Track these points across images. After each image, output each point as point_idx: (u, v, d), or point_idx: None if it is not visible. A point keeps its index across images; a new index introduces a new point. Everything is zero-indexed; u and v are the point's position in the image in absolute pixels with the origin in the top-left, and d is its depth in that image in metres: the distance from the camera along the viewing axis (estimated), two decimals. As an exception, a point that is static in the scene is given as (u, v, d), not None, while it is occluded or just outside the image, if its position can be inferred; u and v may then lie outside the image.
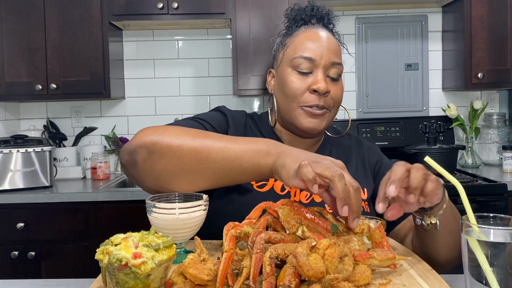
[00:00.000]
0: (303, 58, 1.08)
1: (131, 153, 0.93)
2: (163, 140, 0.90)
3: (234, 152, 0.87)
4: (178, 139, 0.90)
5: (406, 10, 2.88)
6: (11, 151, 2.30)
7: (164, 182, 0.92)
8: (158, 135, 0.91)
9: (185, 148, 0.89)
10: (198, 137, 0.90)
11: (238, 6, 2.53)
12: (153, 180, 0.92)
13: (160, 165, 0.90)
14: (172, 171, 0.90)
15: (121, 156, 0.96)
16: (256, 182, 1.07)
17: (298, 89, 1.08)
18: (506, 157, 2.51)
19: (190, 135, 0.91)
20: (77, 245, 2.26)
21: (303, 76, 1.09)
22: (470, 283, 0.65)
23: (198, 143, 0.89)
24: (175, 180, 0.91)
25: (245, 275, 0.67)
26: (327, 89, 1.06)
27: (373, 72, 2.88)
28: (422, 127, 2.75)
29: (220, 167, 0.88)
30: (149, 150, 0.90)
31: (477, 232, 0.64)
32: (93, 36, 2.54)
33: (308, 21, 1.15)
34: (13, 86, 2.53)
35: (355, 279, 0.68)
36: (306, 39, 1.10)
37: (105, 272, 0.67)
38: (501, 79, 2.53)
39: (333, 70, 1.09)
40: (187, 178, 0.90)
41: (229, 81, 2.85)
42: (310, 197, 1.08)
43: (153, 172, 0.91)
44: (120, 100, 2.90)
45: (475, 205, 2.13)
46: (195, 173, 0.89)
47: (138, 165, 0.92)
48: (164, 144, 0.89)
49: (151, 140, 0.90)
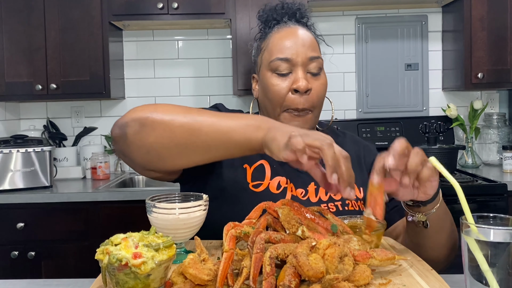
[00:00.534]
0: (280, 59, 1.08)
1: (122, 127, 0.92)
2: (155, 113, 0.90)
3: (225, 126, 0.87)
4: (170, 113, 0.90)
5: (406, 10, 2.88)
6: (11, 151, 2.30)
7: (154, 156, 0.91)
8: (150, 110, 0.91)
9: (177, 121, 0.89)
10: (190, 112, 0.90)
11: (238, 6, 2.53)
12: (143, 154, 0.92)
13: (151, 138, 0.89)
14: (163, 143, 0.89)
15: (112, 130, 0.95)
16: (252, 181, 1.07)
17: (280, 92, 1.08)
18: (506, 157, 2.51)
19: (182, 110, 0.91)
20: (77, 245, 2.26)
21: (283, 78, 1.08)
22: (470, 283, 0.65)
23: (190, 117, 0.89)
24: (166, 153, 0.90)
25: (245, 275, 0.67)
26: (308, 87, 1.06)
27: (373, 72, 2.88)
28: (422, 127, 2.75)
29: (211, 140, 0.88)
30: (141, 123, 0.90)
31: (475, 233, 0.64)
32: (93, 36, 2.54)
33: (280, 20, 1.16)
34: (13, 86, 2.53)
35: (355, 279, 0.68)
36: (280, 39, 1.10)
37: (105, 272, 0.67)
38: (501, 79, 2.53)
39: (312, 65, 1.08)
40: (178, 151, 0.89)
41: (229, 81, 2.85)
42: (306, 195, 1.08)
43: (144, 145, 0.90)
44: (120, 100, 2.90)
45: (475, 205, 2.13)
46: (186, 146, 0.89)
47: (129, 138, 0.91)
48: (156, 118, 0.89)
49: (143, 113, 0.91)
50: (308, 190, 1.10)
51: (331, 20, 2.84)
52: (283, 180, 1.09)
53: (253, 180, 1.08)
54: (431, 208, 0.93)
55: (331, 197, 1.09)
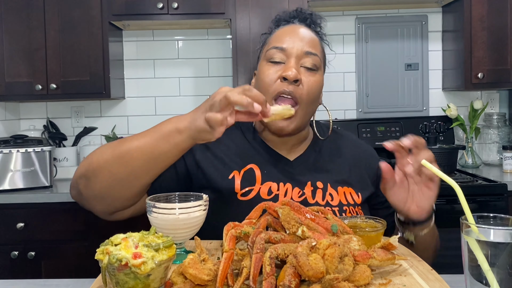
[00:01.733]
0: (275, 48, 1.09)
1: (74, 187, 1.02)
2: (91, 163, 0.97)
3: (150, 145, 0.93)
4: (102, 156, 0.96)
5: (406, 10, 2.88)
6: (11, 151, 2.30)
7: (109, 199, 0.98)
8: (87, 161, 0.98)
9: (109, 160, 0.95)
10: (116, 146, 0.96)
11: (238, 6, 2.53)
12: (100, 201, 0.99)
13: (98, 184, 0.96)
14: (109, 185, 0.96)
15: (70, 193, 1.05)
16: (241, 189, 1.05)
17: (270, 79, 1.07)
18: (506, 157, 2.51)
19: (110, 147, 0.97)
20: (77, 245, 2.26)
21: (275, 66, 1.08)
22: (470, 283, 0.65)
23: (117, 151, 0.95)
24: (116, 191, 0.97)
25: (245, 275, 0.67)
26: (296, 77, 1.04)
27: (373, 72, 2.88)
28: (422, 127, 2.75)
29: (146, 162, 0.93)
30: (85, 177, 0.98)
31: (476, 233, 0.64)
32: (93, 36, 2.54)
33: (290, 21, 1.17)
34: (13, 86, 2.52)
35: (355, 279, 0.68)
36: (281, 33, 1.12)
37: (105, 272, 0.67)
38: (501, 79, 2.53)
39: (307, 59, 1.07)
40: (124, 183, 0.96)
41: (229, 81, 2.85)
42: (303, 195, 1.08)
43: (96, 194, 0.98)
44: (120, 100, 2.90)
45: (475, 205, 2.13)
46: (127, 177, 0.95)
47: (83, 194, 1.00)
48: (93, 166, 0.96)
49: (83, 168, 0.99)
50: (305, 192, 1.08)
51: (331, 20, 2.84)
52: (274, 186, 1.07)
53: (242, 187, 1.06)
54: (420, 231, 0.97)
55: (328, 202, 1.08)
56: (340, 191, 1.10)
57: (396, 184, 0.95)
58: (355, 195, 1.11)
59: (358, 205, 1.11)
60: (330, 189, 1.10)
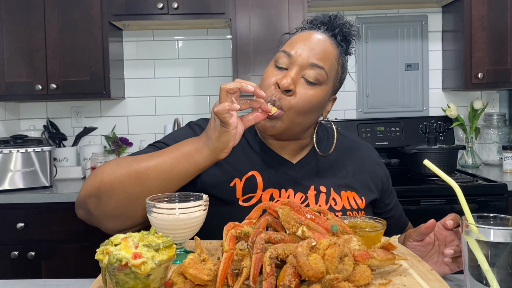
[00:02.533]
0: (283, 52, 1.04)
1: (82, 206, 0.98)
2: (103, 182, 0.94)
3: (169, 164, 0.92)
4: (115, 175, 0.94)
5: (406, 10, 2.88)
6: (11, 151, 2.30)
7: (122, 217, 0.96)
8: (97, 179, 0.95)
9: (124, 180, 0.93)
10: (131, 165, 0.94)
11: (238, 6, 2.52)
12: (112, 220, 0.96)
13: (111, 204, 0.94)
14: (123, 205, 0.94)
15: (76, 212, 1.01)
16: (242, 195, 1.05)
17: (267, 82, 1.03)
18: (506, 157, 2.51)
19: (124, 166, 0.94)
20: (77, 245, 2.26)
21: (278, 71, 1.04)
22: (470, 283, 0.65)
23: (133, 170, 0.93)
24: (130, 211, 0.95)
25: (245, 275, 0.67)
26: (289, 87, 0.98)
27: (373, 72, 2.88)
28: (422, 127, 2.75)
29: (163, 181, 0.93)
30: (96, 196, 0.94)
31: (476, 233, 0.64)
32: (93, 36, 2.54)
33: (316, 26, 1.11)
34: (13, 86, 2.52)
35: (355, 279, 0.68)
36: (297, 37, 1.06)
37: (105, 272, 0.67)
38: (501, 79, 2.53)
39: (310, 72, 1.01)
40: (139, 203, 0.93)
41: (229, 81, 2.84)
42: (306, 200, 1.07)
43: (108, 214, 0.95)
44: (120, 100, 2.90)
45: (475, 205, 2.13)
46: (143, 196, 0.91)
47: (93, 213, 0.96)
48: (106, 185, 0.93)
49: (93, 187, 0.95)
50: (308, 197, 1.08)
51: (331, 20, 2.84)
52: (276, 192, 1.06)
53: (244, 194, 1.05)
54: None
55: (332, 207, 1.07)
56: (343, 196, 1.09)
57: (425, 242, 0.98)
58: (358, 199, 1.11)
59: (362, 210, 1.10)
60: (334, 194, 1.09)
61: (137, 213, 0.95)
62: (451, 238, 0.95)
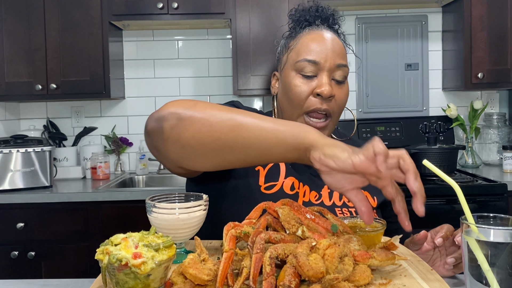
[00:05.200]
0: (307, 61, 1.05)
1: (159, 120, 0.88)
2: (195, 108, 0.85)
3: (270, 126, 0.81)
4: (211, 108, 0.85)
5: (406, 10, 2.88)
6: (11, 151, 2.30)
7: (189, 152, 0.85)
8: (190, 104, 0.86)
9: (217, 116, 0.83)
10: (231, 110, 0.85)
11: (238, 6, 2.53)
12: (178, 150, 0.86)
13: (189, 132, 0.83)
14: (201, 138, 0.83)
15: (147, 123, 0.91)
16: (265, 183, 1.06)
17: (302, 93, 1.05)
18: (506, 157, 2.51)
19: (224, 108, 0.85)
20: (77, 245, 2.26)
21: (307, 80, 1.05)
22: (470, 283, 0.65)
23: (231, 114, 0.83)
24: (201, 150, 0.84)
25: (245, 275, 0.67)
26: (331, 93, 1.03)
27: (373, 72, 2.88)
28: (422, 127, 2.75)
29: (253, 137, 0.81)
30: (179, 117, 0.85)
31: (476, 233, 0.64)
32: (93, 36, 2.54)
33: (313, 22, 1.12)
34: (13, 86, 2.52)
35: (355, 279, 0.68)
36: (310, 41, 1.07)
37: (105, 272, 0.67)
38: (501, 79, 2.53)
39: (338, 72, 1.06)
40: (215, 147, 0.83)
41: (229, 81, 2.85)
42: (320, 198, 1.07)
43: (180, 140, 0.85)
44: (120, 100, 2.90)
45: (475, 205, 2.13)
46: (224, 142, 0.82)
47: (165, 132, 0.86)
48: (195, 112, 0.84)
49: (182, 107, 0.86)
50: (322, 194, 1.08)
51: (331, 20, 2.84)
52: (296, 182, 1.08)
53: (266, 181, 1.06)
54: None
55: (345, 203, 1.08)
56: None
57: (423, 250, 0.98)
58: (370, 198, 1.11)
59: (374, 209, 1.09)
60: None
61: (202, 160, 0.86)
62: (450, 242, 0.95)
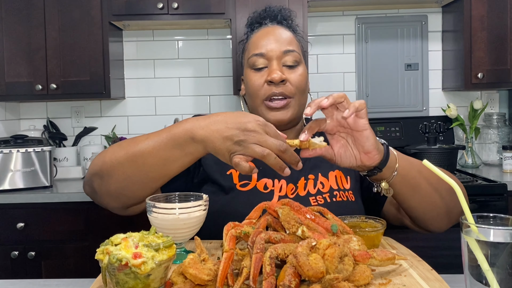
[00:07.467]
0: (255, 55, 1.13)
1: (88, 184, 1.03)
2: (105, 162, 0.98)
3: (163, 151, 0.92)
4: (115, 156, 0.97)
5: (406, 10, 2.88)
6: (11, 151, 2.30)
7: (123, 197, 0.99)
8: (101, 159, 0.99)
9: (123, 162, 0.95)
10: (130, 146, 0.96)
11: (238, 6, 2.52)
12: (115, 199, 1.00)
13: (112, 185, 0.97)
14: (123, 185, 0.97)
15: (84, 188, 1.06)
16: (239, 181, 1.10)
17: (257, 85, 1.12)
18: (506, 157, 2.51)
19: (124, 148, 0.97)
20: (77, 245, 2.26)
21: (260, 72, 1.13)
22: (470, 283, 0.65)
23: (131, 153, 0.95)
24: (130, 192, 0.98)
25: (245, 275, 0.67)
26: (281, 78, 1.09)
27: (373, 72, 2.88)
28: (422, 127, 2.75)
29: (159, 167, 0.93)
30: (99, 176, 0.98)
31: (476, 233, 0.64)
32: (93, 36, 2.53)
33: (262, 23, 1.20)
34: (13, 86, 2.52)
35: (355, 279, 0.68)
36: (257, 38, 1.16)
37: (105, 272, 0.67)
38: (501, 79, 2.53)
39: (287, 58, 1.12)
40: (139, 185, 0.96)
41: (229, 81, 2.85)
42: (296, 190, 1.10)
43: (110, 193, 0.99)
44: (120, 100, 2.90)
45: (475, 205, 2.13)
46: (141, 179, 0.95)
47: (97, 191, 1.01)
48: (107, 165, 0.97)
49: (97, 166, 0.99)
50: (298, 186, 1.12)
51: (331, 20, 2.84)
52: (270, 182, 1.11)
53: (241, 180, 1.11)
54: (390, 174, 0.95)
55: (319, 190, 1.11)
56: (331, 176, 1.14)
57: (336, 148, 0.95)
58: (344, 179, 1.15)
59: (348, 190, 1.13)
60: (321, 178, 1.13)
61: (137, 194, 0.98)
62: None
